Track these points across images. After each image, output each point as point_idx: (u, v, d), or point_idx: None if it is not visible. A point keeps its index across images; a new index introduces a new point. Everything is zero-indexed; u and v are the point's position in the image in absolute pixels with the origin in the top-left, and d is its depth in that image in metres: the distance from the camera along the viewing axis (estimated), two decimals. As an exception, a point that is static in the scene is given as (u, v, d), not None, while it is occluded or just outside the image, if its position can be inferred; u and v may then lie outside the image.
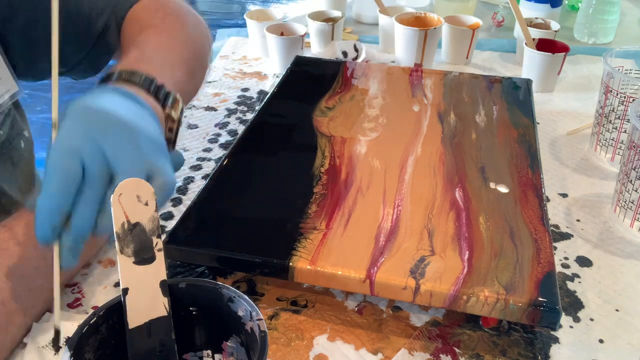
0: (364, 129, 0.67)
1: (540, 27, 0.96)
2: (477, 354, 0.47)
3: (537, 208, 0.54)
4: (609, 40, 1.10)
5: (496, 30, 1.17)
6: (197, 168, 0.70)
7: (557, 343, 0.48)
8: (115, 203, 0.35)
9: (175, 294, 0.38)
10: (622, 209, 0.60)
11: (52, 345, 0.45)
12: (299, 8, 2.47)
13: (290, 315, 0.50)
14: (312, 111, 0.71)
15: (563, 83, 0.92)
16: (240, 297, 0.37)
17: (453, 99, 0.74)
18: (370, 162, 0.61)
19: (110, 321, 0.36)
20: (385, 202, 0.55)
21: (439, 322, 0.49)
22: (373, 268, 0.47)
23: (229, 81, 0.93)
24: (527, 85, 0.77)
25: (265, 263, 0.49)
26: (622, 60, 0.74)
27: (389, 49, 1.03)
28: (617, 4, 1.07)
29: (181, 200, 0.64)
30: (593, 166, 0.72)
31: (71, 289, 0.52)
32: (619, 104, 0.69)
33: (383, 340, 0.48)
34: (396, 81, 0.79)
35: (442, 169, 0.60)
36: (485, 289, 0.45)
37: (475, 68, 0.98)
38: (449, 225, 0.52)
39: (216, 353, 0.40)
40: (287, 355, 0.46)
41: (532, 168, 0.60)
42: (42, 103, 2.76)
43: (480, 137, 0.66)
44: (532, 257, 0.48)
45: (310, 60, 0.86)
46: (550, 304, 0.44)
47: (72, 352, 0.33)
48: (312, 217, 0.53)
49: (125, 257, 0.35)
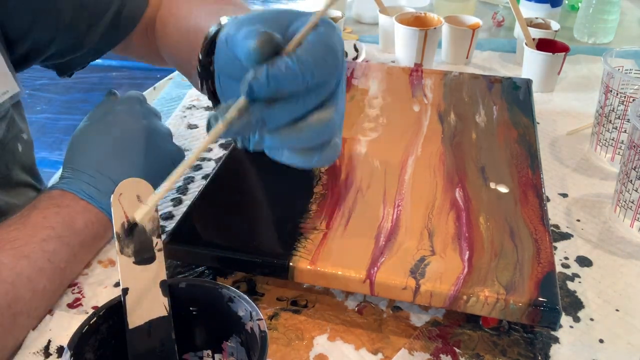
0: (364, 129, 0.67)
1: (540, 27, 0.96)
2: (477, 354, 0.47)
3: (537, 208, 0.54)
4: (609, 40, 1.10)
5: (496, 30, 1.17)
6: (197, 168, 0.70)
7: (557, 343, 0.48)
8: (115, 203, 0.35)
9: (175, 294, 0.38)
10: (622, 209, 0.60)
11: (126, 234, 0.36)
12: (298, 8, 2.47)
13: (290, 315, 0.50)
14: (312, 111, 0.71)
15: (563, 83, 0.92)
16: (240, 297, 0.37)
17: (453, 99, 0.74)
18: (371, 162, 0.61)
19: (111, 321, 0.36)
20: (386, 202, 0.55)
21: (439, 322, 0.49)
22: (373, 268, 0.47)
23: (229, 81, 0.93)
24: (527, 85, 0.77)
25: (265, 263, 0.49)
26: (622, 60, 0.74)
27: (389, 49, 1.03)
28: (617, 4, 1.07)
29: (181, 200, 0.64)
30: (593, 166, 0.72)
31: (71, 289, 0.52)
32: (619, 104, 0.69)
33: (383, 340, 0.48)
34: (396, 81, 0.79)
35: (442, 169, 0.60)
36: (486, 289, 0.45)
37: (475, 68, 0.98)
38: (449, 225, 0.52)
39: (216, 353, 0.40)
40: (287, 355, 0.46)
41: (532, 168, 0.60)
42: (42, 103, 2.77)
43: (481, 137, 0.66)
44: (532, 257, 0.48)
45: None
46: (550, 304, 0.44)
47: (72, 352, 0.33)
48: (312, 217, 0.53)
49: (125, 257, 0.35)
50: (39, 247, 0.48)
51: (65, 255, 0.50)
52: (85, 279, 0.53)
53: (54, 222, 0.50)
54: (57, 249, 0.49)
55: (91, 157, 0.56)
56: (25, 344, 0.46)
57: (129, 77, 2.79)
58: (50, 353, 0.46)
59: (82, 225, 0.52)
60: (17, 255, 0.46)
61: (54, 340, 0.47)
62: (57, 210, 0.51)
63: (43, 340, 0.47)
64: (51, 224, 0.50)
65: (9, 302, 0.44)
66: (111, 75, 2.77)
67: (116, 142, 0.58)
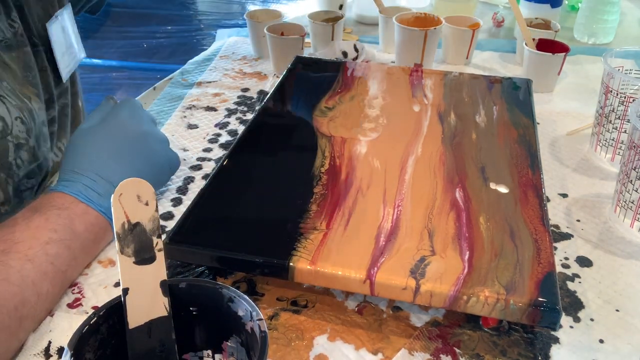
0: (364, 129, 0.67)
1: (540, 27, 0.96)
2: (477, 354, 0.47)
3: (537, 208, 0.54)
4: (609, 41, 1.10)
5: (496, 31, 1.17)
6: (197, 168, 0.70)
7: (557, 343, 0.48)
8: (115, 203, 0.35)
9: (176, 294, 0.38)
10: (622, 209, 0.60)
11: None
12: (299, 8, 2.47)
13: (291, 315, 0.50)
14: (312, 111, 0.71)
15: (563, 83, 0.92)
16: (240, 297, 0.37)
17: (453, 99, 0.74)
18: (371, 162, 0.61)
19: (111, 321, 0.36)
20: (386, 202, 0.55)
21: (439, 322, 0.49)
22: (373, 268, 0.47)
23: (229, 81, 0.93)
24: (527, 86, 0.77)
25: (265, 263, 0.49)
26: (622, 60, 0.74)
27: (389, 49, 1.03)
28: (617, 4, 1.07)
29: (181, 200, 0.64)
30: (593, 166, 0.72)
31: (71, 289, 0.52)
32: (619, 104, 0.69)
33: (383, 340, 0.48)
34: (396, 81, 0.79)
35: (442, 169, 0.60)
36: (486, 289, 0.45)
37: (475, 68, 0.98)
38: (449, 225, 0.52)
39: (216, 353, 0.40)
40: (287, 355, 0.46)
41: (532, 168, 0.60)
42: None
43: (481, 138, 0.66)
44: (533, 257, 0.48)
45: (310, 60, 0.86)
46: (550, 304, 0.44)
47: (72, 352, 0.33)
48: (312, 217, 0.53)
49: (125, 257, 0.35)
50: (42, 251, 0.48)
51: (66, 258, 0.50)
52: (85, 279, 0.53)
53: (56, 224, 0.50)
54: (59, 252, 0.49)
55: (91, 160, 0.56)
56: (26, 345, 0.46)
57: (129, 77, 2.79)
58: (50, 354, 0.46)
59: (83, 229, 0.52)
60: (22, 258, 0.46)
61: (54, 342, 0.47)
62: (58, 212, 0.51)
63: (44, 342, 0.47)
64: (53, 227, 0.50)
65: (16, 305, 0.44)
66: (111, 76, 2.77)
67: (116, 145, 0.58)
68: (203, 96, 0.88)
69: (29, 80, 0.64)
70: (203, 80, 0.93)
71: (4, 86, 0.58)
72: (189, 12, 3.04)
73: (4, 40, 0.61)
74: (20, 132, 0.58)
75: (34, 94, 0.64)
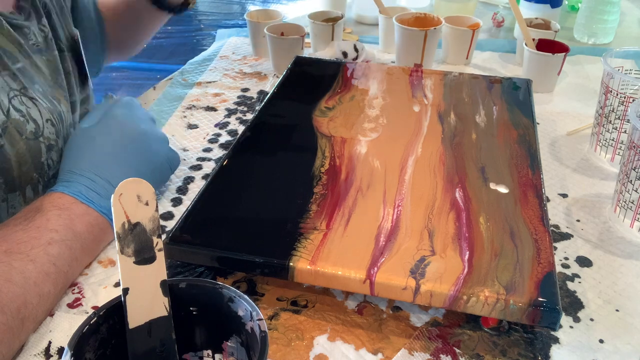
0: (364, 129, 0.67)
1: (540, 27, 0.96)
2: (477, 354, 0.47)
3: (537, 208, 0.54)
4: (608, 41, 1.10)
5: (496, 31, 1.17)
6: (197, 168, 0.70)
7: (557, 343, 0.48)
8: (115, 203, 0.35)
9: (176, 294, 0.38)
10: (622, 209, 0.60)
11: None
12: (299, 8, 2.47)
13: (291, 315, 0.50)
14: (312, 111, 0.71)
15: (563, 83, 0.92)
16: (240, 297, 0.37)
17: (453, 99, 0.74)
18: (371, 162, 0.61)
19: (111, 321, 0.36)
20: (386, 202, 0.55)
21: (439, 322, 0.49)
22: (373, 268, 0.47)
23: (229, 81, 0.93)
24: (527, 86, 0.77)
25: (265, 263, 0.49)
26: (622, 60, 0.74)
27: (389, 49, 1.03)
28: (617, 4, 1.07)
29: (181, 200, 0.64)
30: (593, 166, 0.72)
31: (71, 289, 0.52)
32: (619, 104, 0.69)
33: (383, 340, 0.48)
34: (396, 81, 0.79)
35: (442, 169, 0.60)
36: (486, 289, 0.45)
37: (475, 68, 0.98)
38: (449, 225, 0.52)
39: (216, 353, 0.40)
40: (287, 355, 0.46)
41: (532, 168, 0.60)
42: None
43: (481, 138, 0.66)
44: (532, 257, 0.48)
45: (310, 60, 0.86)
46: (550, 304, 0.44)
47: (72, 352, 0.33)
48: (312, 217, 0.53)
49: (125, 257, 0.35)
50: (43, 251, 0.48)
51: (68, 259, 0.50)
52: (85, 279, 0.53)
53: (57, 225, 0.50)
54: (60, 252, 0.49)
55: (91, 160, 0.56)
56: (26, 345, 0.46)
57: (128, 77, 2.79)
58: (50, 354, 0.46)
59: (83, 229, 0.52)
60: (24, 259, 0.46)
61: (54, 342, 0.47)
62: (58, 213, 0.51)
63: (44, 342, 0.47)
64: (54, 227, 0.50)
65: (18, 306, 0.44)
66: (111, 76, 2.77)
67: (115, 145, 0.58)
68: (203, 96, 0.88)
69: (58, 83, 0.65)
70: (203, 81, 0.93)
71: (36, 89, 0.59)
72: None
73: (36, 44, 0.62)
74: (51, 133, 0.59)
75: (63, 96, 0.65)
